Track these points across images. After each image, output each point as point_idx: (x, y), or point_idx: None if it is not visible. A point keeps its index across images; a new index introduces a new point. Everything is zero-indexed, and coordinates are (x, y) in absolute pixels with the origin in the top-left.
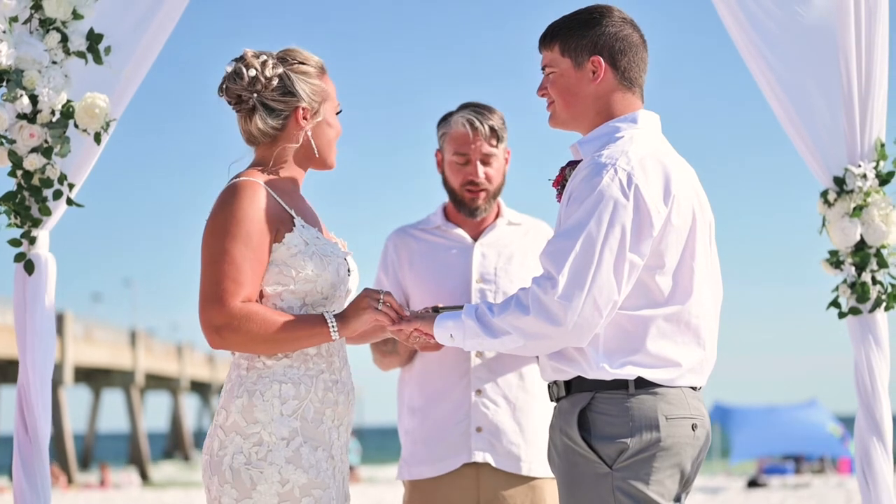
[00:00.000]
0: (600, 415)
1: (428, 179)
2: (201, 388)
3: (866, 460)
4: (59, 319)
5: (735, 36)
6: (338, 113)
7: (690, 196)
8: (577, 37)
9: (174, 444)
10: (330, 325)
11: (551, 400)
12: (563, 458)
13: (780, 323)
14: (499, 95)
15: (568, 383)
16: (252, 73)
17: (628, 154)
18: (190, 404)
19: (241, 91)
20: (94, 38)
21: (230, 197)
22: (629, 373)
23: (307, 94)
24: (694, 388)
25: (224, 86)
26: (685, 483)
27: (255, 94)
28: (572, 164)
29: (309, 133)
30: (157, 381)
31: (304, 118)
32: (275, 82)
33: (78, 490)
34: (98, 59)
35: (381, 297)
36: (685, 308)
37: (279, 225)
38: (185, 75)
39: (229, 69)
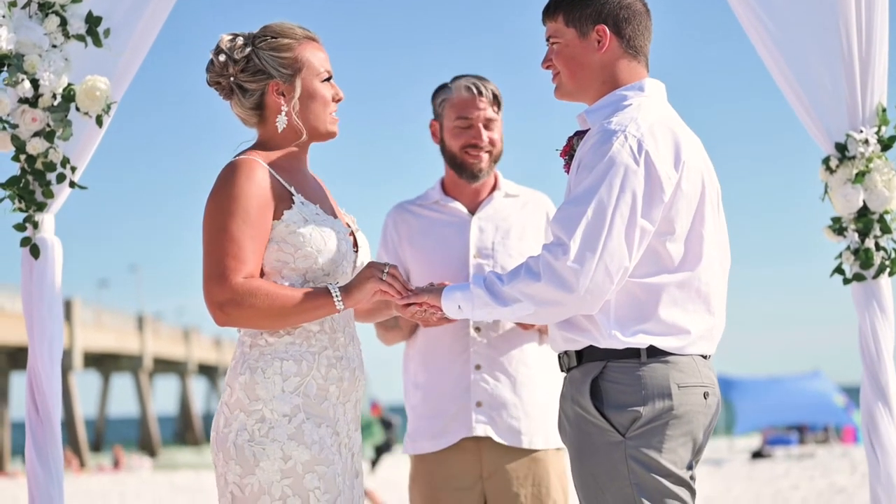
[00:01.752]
0: (612, 384)
1: (427, 156)
2: (209, 371)
3: (872, 426)
4: (67, 306)
5: (734, 4)
6: (327, 79)
7: (699, 163)
8: (580, 6)
9: (184, 427)
10: (334, 296)
11: (562, 370)
12: (575, 427)
13: (782, 295)
14: (504, 74)
15: (579, 353)
16: (222, 58)
17: (637, 121)
18: (198, 387)
19: (217, 78)
20: (92, 21)
21: (228, 175)
22: (641, 341)
23: (275, 68)
24: (704, 357)
25: (206, 77)
26: (697, 451)
27: (232, 78)
28: (580, 134)
29: (284, 108)
30: (165, 365)
31: (280, 93)
32: (243, 63)
33: (91, 473)
34: (97, 42)
35: (386, 268)
36: (695, 275)
37: (278, 202)
38: (187, 57)
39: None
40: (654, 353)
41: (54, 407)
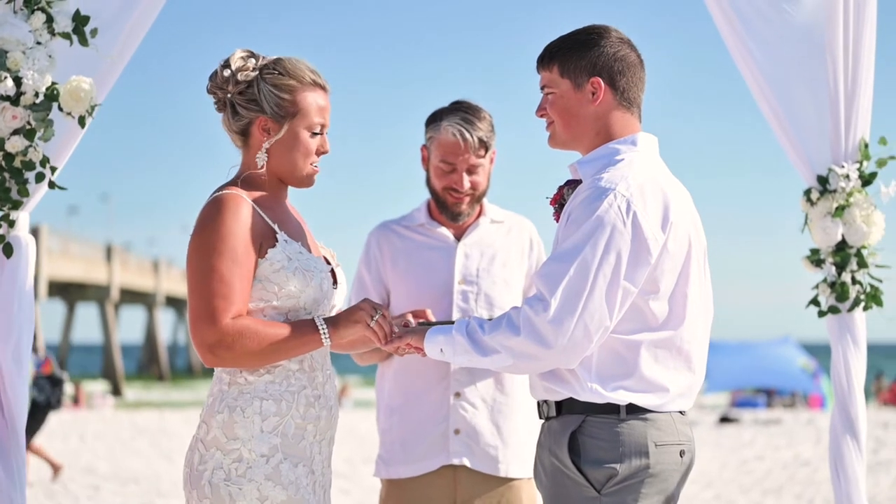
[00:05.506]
0: (591, 439)
1: (409, 172)
2: (177, 304)
3: (839, 457)
4: (34, 233)
5: (724, 33)
6: (318, 132)
7: (687, 222)
8: (576, 58)
9: (149, 359)
10: (321, 332)
11: (540, 417)
12: (551, 479)
13: (752, 248)
14: (488, 88)
15: (559, 404)
16: (227, 73)
17: (628, 179)
18: (165, 319)
19: (215, 89)
20: (80, 20)
21: (214, 212)
22: (621, 398)
23: (270, 105)
24: (682, 413)
25: (207, 84)
26: None
27: (228, 94)
28: (570, 184)
29: (266, 145)
30: (132, 296)
31: (265, 129)
32: (243, 87)
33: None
34: (84, 41)
35: (377, 314)
36: (677, 334)
37: (262, 240)
38: None
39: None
40: (634, 409)
41: (19, 412)
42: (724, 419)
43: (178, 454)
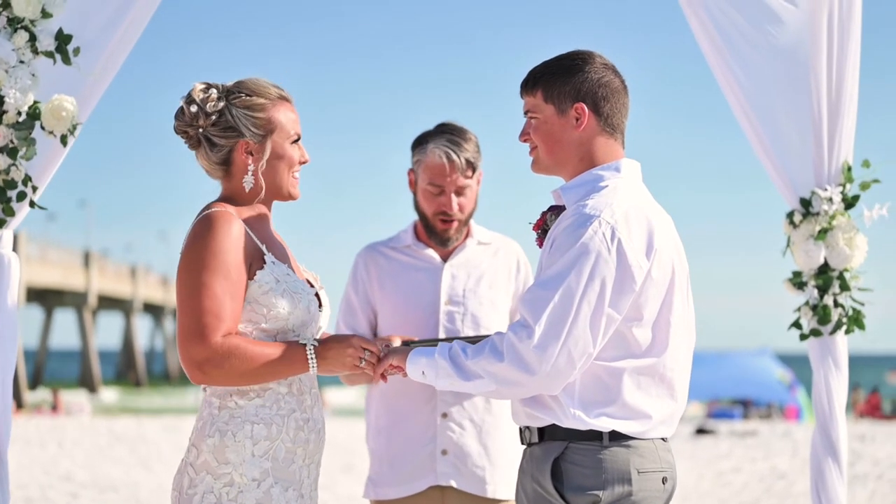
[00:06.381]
0: (573, 465)
1: (394, 191)
2: (154, 310)
3: (821, 481)
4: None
5: (707, 53)
6: (296, 141)
7: (671, 249)
8: (560, 83)
9: (126, 365)
10: (310, 360)
11: (522, 443)
12: None
13: (729, 259)
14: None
15: (541, 430)
16: (194, 109)
17: (613, 206)
18: (143, 325)
19: (185, 127)
20: (62, 39)
21: (206, 229)
22: (604, 424)
23: (248, 127)
24: (664, 439)
25: (174, 124)
26: None
27: (201, 130)
28: (554, 210)
29: (251, 167)
30: (110, 302)
31: (248, 152)
32: (215, 117)
33: (28, 415)
34: (66, 60)
35: (366, 355)
36: (660, 361)
37: (252, 260)
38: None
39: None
40: (616, 436)
41: (3, 430)
42: (701, 430)
43: (156, 462)
